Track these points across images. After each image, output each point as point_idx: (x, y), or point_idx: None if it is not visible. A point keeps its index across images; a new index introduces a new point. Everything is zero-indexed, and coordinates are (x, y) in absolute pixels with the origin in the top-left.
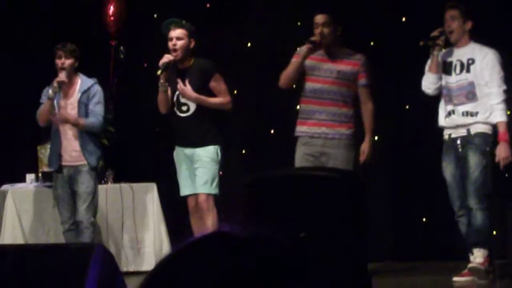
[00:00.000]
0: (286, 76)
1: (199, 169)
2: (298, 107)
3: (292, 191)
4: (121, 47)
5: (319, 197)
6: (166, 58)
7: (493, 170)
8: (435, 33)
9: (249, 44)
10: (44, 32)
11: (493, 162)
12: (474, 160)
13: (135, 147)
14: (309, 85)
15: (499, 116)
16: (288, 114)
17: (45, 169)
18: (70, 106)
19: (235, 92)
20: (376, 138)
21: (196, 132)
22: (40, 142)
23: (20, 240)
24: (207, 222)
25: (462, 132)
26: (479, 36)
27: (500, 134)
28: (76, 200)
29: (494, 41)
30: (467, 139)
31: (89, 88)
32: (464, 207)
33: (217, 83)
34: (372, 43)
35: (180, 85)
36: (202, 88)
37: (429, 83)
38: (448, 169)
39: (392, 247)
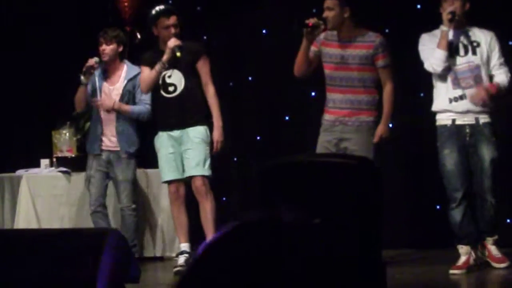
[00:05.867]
0: (296, 65)
1: (189, 151)
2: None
3: (305, 177)
4: (136, 33)
5: (332, 184)
6: (177, 41)
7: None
8: (451, 8)
9: (264, 31)
10: (58, 19)
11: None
12: (488, 154)
13: (150, 133)
14: (327, 72)
15: (499, 80)
16: (303, 101)
17: (60, 154)
18: (115, 92)
19: (250, 78)
20: (391, 125)
21: (185, 112)
22: (54, 127)
23: (34, 225)
24: (206, 207)
25: (470, 120)
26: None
27: (492, 84)
28: (116, 188)
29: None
30: (477, 129)
31: (135, 76)
32: (466, 196)
33: (204, 64)
34: (387, 31)
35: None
36: (191, 69)
37: (438, 60)
38: (452, 157)
39: (407, 235)
